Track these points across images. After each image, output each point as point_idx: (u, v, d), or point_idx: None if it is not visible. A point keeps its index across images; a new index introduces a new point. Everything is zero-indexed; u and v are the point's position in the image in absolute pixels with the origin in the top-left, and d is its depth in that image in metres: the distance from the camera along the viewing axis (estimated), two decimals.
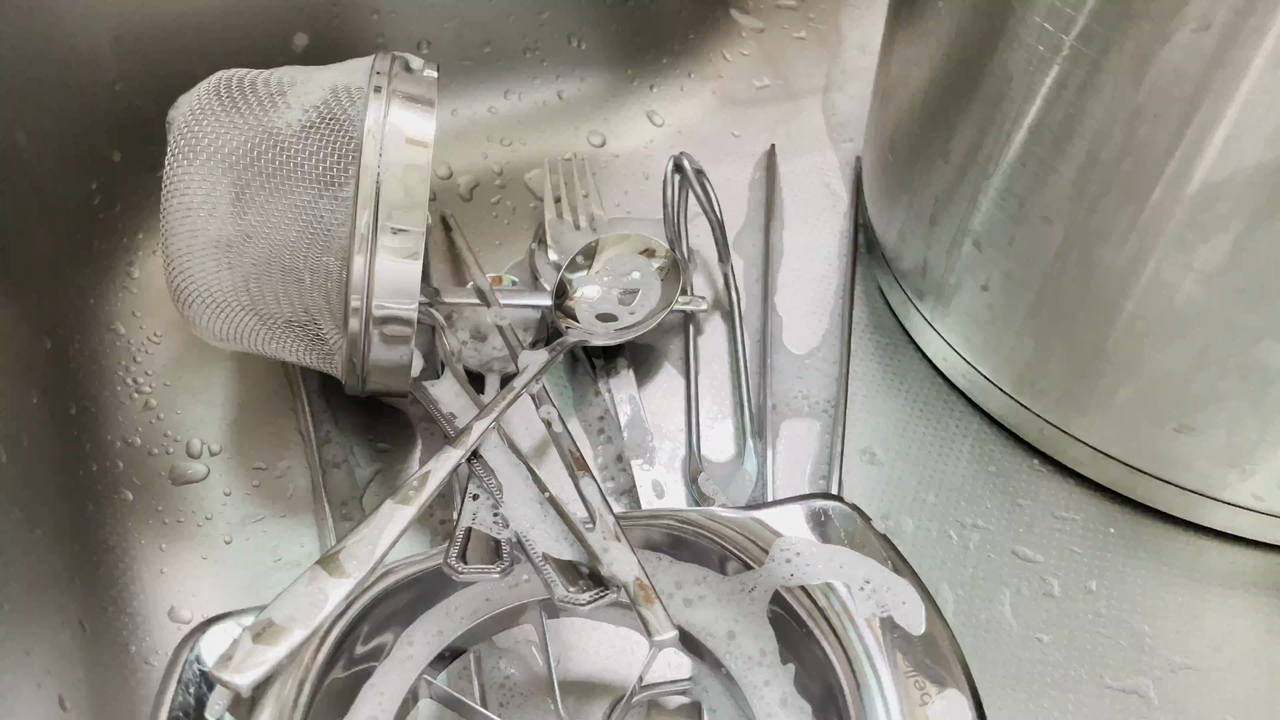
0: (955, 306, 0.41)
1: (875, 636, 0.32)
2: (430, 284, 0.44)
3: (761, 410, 0.43)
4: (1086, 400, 0.38)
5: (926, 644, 0.32)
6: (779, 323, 0.46)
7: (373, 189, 0.34)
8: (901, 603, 0.33)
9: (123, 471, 0.40)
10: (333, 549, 0.30)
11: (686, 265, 0.46)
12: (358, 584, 0.30)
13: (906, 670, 0.32)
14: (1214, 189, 0.30)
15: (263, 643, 0.28)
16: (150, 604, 0.37)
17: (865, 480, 0.41)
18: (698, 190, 0.47)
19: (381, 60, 0.36)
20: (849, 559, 0.34)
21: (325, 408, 0.42)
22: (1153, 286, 0.33)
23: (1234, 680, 0.37)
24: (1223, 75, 0.29)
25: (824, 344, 0.45)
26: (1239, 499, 0.38)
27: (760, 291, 0.47)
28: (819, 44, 0.58)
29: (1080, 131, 0.32)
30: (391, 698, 0.32)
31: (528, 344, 0.42)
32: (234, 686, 0.28)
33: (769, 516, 0.35)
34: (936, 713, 0.31)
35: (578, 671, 0.35)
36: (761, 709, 0.32)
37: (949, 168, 0.38)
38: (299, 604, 0.29)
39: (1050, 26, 0.32)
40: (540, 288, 0.46)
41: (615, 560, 0.32)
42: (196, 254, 0.35)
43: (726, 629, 0.34)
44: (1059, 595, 0.39)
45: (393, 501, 0.32)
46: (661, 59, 0.55)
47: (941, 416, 0.43)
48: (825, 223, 0.50)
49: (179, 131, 0.35)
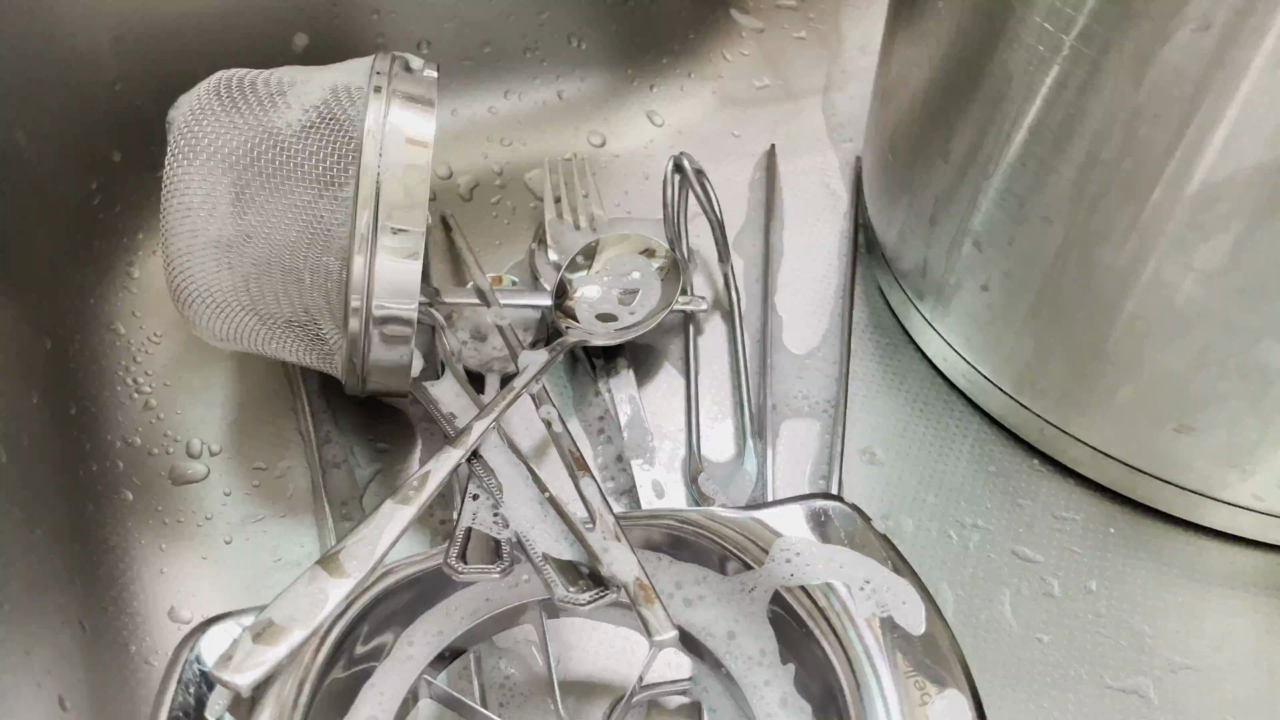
0: (955, 306, 0.41)
1: (875, 636, 0.32)
2: (430, 284, 0.44)
3: (761, 410, 0.43)
4: (1086, 400, 0.38)
5: (926, 644, 0.32)
6: (779, 323, 0.46)
7: (373, 189, 0.34)
8: (901, 603, 0.33)
9: (123, 471, 0.40)
10: (333, 549, 0.30)
11: (686, 265, 0.46)
12: (358, 584, 0.30)
13: (906, 670, 0.32)
14: (1214, 189, 0.30)
15: (263, 643, 0.28)
16: (150, 604, 0.37)
17: (865, 480, 0.41)
18: (698, 190, 0.47)
19: (381, 60, 0.36)
20: (849, 559, 0.34)
21: (325, 408, 0.42)
22: (1153, 286, 0.33)
23: (1234, 680, 0.37)
24: (1223, 75, 0.29)
25: (824, 344, 0.45)
26: (1239, 499, 0.38)
27: (760, 291, 0.47)
28: (819, 44, 0.58)
29: (1080, 131, 0.32)
30: (391, 698, 0.32)
31: (528, 344, 0.42)
32: (234, 686, 0.27)
33: (769, 516, 0.35)
34: (936, 713, 0.31)
35: (578, 671, 0.35)
36: (761, 709, 0.32)
37: (949, 168, 0.38)
38: (299, 604, 0.29)
39: (1050, 26, 0.32)
40: (540, 288, 0.46)
41: (615, 560, 0.32)
42: (196, 254, 0.35)
43: (726, 629, 0.34)
44: (1059, 595, 0.39)
45: (393, 501, 0.32)
46: (661, 59, 0.55)
47: (941, 416, 0.43)
48: (825, 223, 0.50)
49: (179, 131, 0.35)
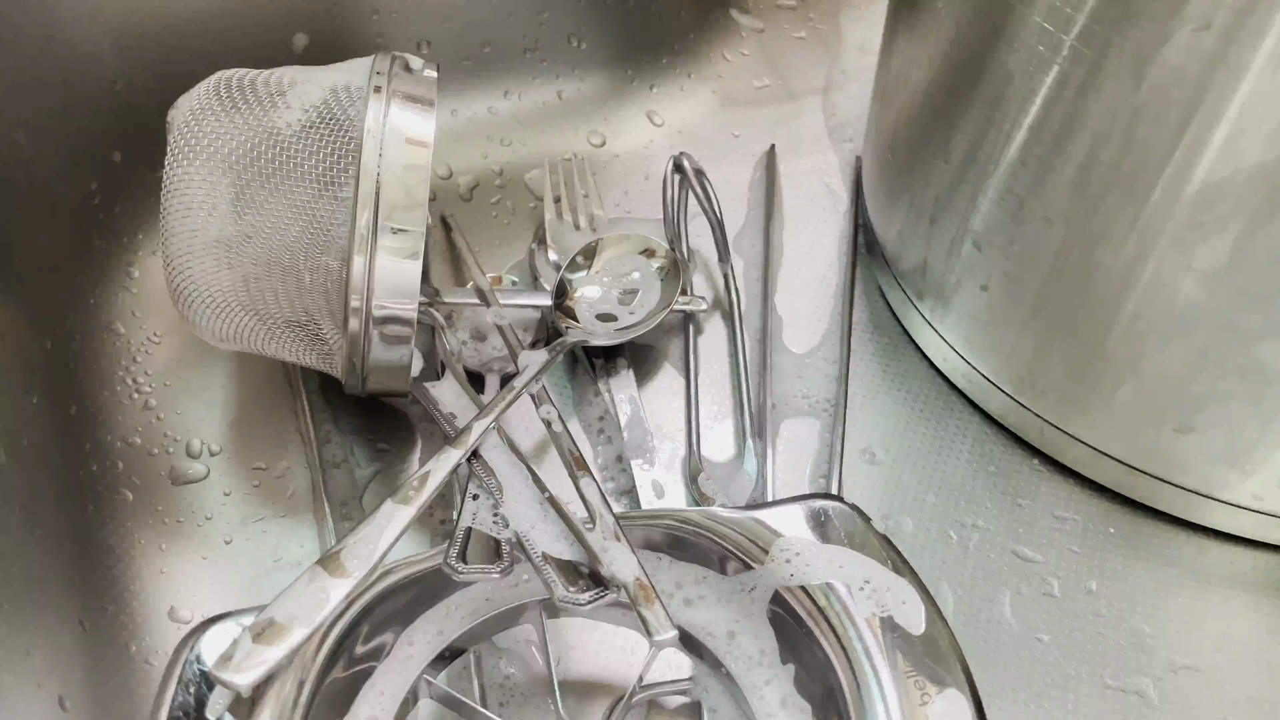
0: (955, 306, 0.41)
1: (875, 636, 0.32)
2: (430, 284, 0.44)
3: (761, 410, 0.43)
4: (1086, 400, 0.38)
5: (926, 644, 0.32)
6: (779, 323, 0.46)
7: (373, 189, 0.34)
8: (901, 603, 0.33)
9: (123, 471, 0.40)
10: (333, 548, 0.30)
11: (686, 265, 0.46)
12: (358, 583, 0.30)
13: (906, 670, 0.32)
14: (1214, 189, 0.30)
15: (263, 642, 0.28)
16: (150, 604, 0.37)
17: (865, 480, 0.41)
18: (698, 190, 0.47)
19: (381, 60, 0.36)
20: (849, 559, 0.34)
21: (325, 408, 0.42)
22: (1153, 286, 0.33)
23: (1234, 680, 0.37)
24: (1223, 75, 0.29)
25: (824, 344, 0.45)
26: (1239, 499, 0.38)
27: (760, 291, 0.47)
28: (819, 44, 0.58)
29: (1080, 131, 0.32)
30: (391, 698, 0.32)
31: (528, 344, 0.42)
32: (234, 686, 0.27)
33: (769, 516, 0.35)
34: (936, 713, 0.31)
35: (578, 671, 0.35)
36: (761, 709, 0.32)
37: (949, 168, 0.38)
38: (300, 603, 0.29)
39: (1050, 26, 0.32)
40: (540, 288, 0.46)
41: (615, 560, 0.32)
42: (196, 253, 0.35)
43: (726, 629, 0.34)
44: (1059, 595, 0.39)
45: (393, 501, 0.32)
46: (661, 59, 0.55)
47: (941, 416, 0.43)
48: (825, 223, 0.50)
49: (179, 131, 0.35)
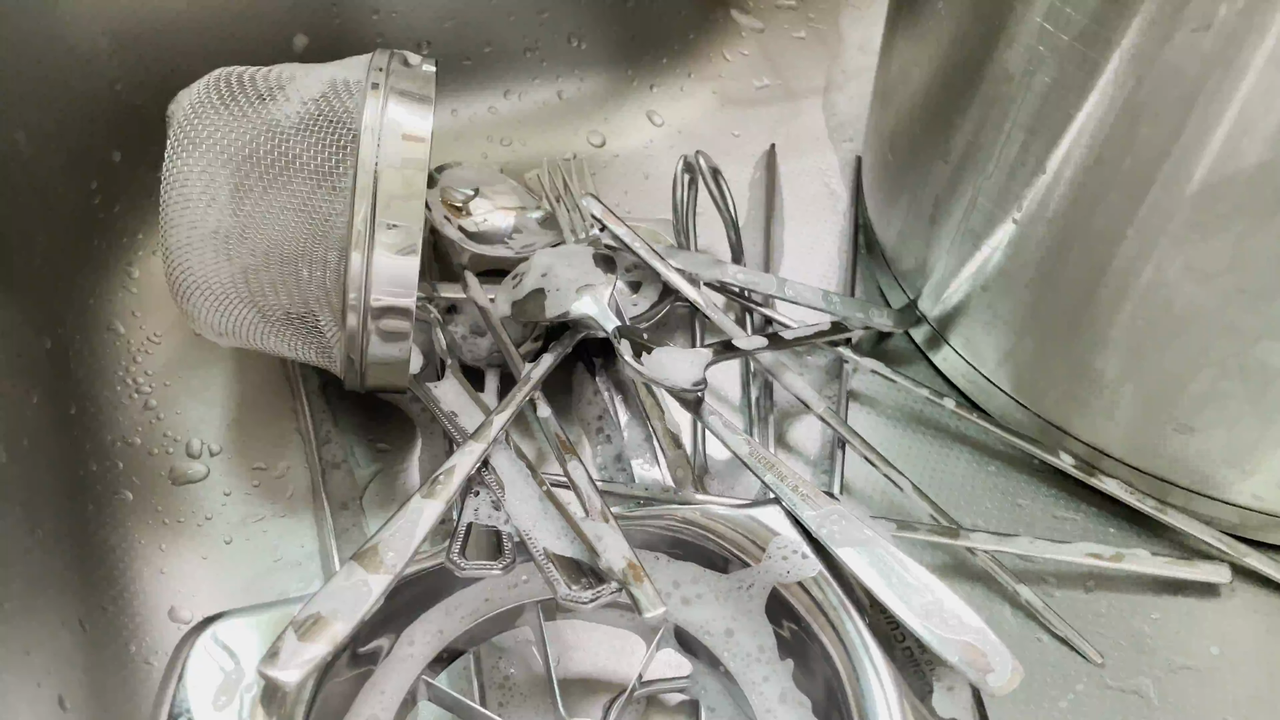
0: (955, 306, 0.41)
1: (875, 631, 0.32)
2: (428, 280, 0.44)
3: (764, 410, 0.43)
4: (1086, 400, 0.38)
5: None
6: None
7: (370, 184, 0.34)
8: None
9: (123, 471, 0.40)
10: (366, 543, 0.31)
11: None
12: (397, 576, 0.30)
13: (906, 665, 0.32)
14: (1214, 189, 0.30)
15: (307, 639, 0.28)
16: (150, 604, 0.37)
17: (865, 480, 0.41)
18: (713, 190, 0.47)
19: (380, 56, 0.36)
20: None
21: (325, 407, 0.42)
22: (1153, 286, 0.33)
23: (1234, 680, 0.37)
24: (1223, 75, 0.29)
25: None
26: (1239, 499, 0.38)
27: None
28: (819, 44, 0.58)
29: (1080, 131, 0.32)
30: (391, 698, 0.32)
31: (529, 339, 0.42)
32: (281, 683, 0.28)
33: (766, 515, 0.35)
34: (937, 706, 0.31)
35: (577, 671, 0.35)
36: (760, 705, 0.32)
37: (949, 168, 0.38)
38: (342, 598, 0.29)
39: (1050, 26, 0.32)
40: None
41: (607, 548, 0.32)
42: (196, 246, 0.35)
43: (724, 626, 0.34)
44: (1059, 595, 0.39)
45: (420, 496, 0.32)
46: (661, 59, 0.55)
47: (941, 417, 0.43)
48: (825, 223, 0.50)
49: (179, 125, 0.35)
